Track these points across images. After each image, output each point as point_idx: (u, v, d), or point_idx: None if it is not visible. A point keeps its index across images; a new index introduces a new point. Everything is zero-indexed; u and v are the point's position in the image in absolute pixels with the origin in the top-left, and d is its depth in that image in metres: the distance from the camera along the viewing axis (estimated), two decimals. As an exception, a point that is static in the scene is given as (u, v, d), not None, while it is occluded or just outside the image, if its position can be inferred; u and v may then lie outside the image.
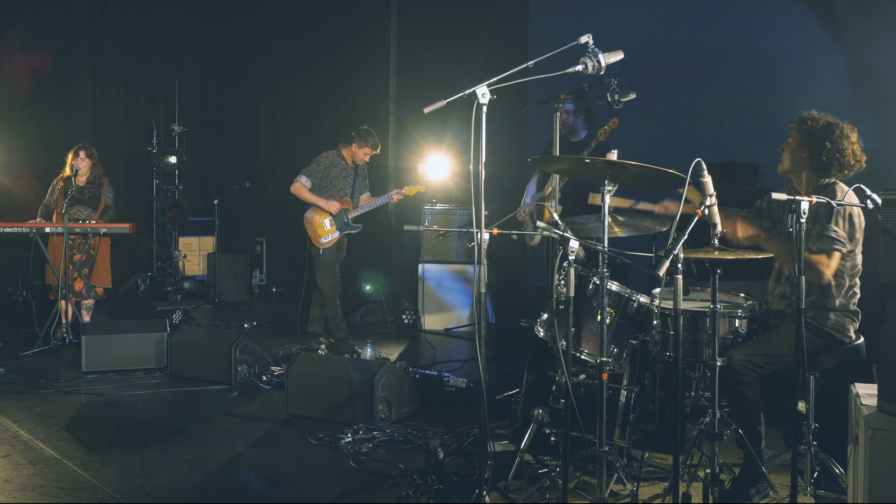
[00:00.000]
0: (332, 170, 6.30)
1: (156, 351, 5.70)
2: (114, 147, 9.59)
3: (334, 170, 6.31)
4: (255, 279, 9.87)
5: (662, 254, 2.81)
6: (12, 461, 3.86)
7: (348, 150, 6.34)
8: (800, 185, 3.57)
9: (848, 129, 3.44)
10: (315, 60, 10.02)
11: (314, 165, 6.30)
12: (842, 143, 3.40)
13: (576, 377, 3.65)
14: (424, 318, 7.59)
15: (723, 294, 3.63)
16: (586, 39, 3.11)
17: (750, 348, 3.35)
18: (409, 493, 3.42)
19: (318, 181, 6.28)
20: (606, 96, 3.70)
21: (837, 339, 3.44)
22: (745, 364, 3.27)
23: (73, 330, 6.47)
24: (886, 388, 2.75)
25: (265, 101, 10.68)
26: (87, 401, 5.02)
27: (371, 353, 5.57)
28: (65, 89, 9.35)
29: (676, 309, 2.96)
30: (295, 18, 10.22)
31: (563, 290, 3.17)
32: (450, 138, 7.67)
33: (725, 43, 6.77)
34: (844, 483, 3.28)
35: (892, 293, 2.72)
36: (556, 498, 3.25)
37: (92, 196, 6.74)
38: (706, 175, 2.97)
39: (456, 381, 4.89)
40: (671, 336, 3.36)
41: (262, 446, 4.17)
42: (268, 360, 5.56)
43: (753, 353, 3.31)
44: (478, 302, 3.02)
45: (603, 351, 3.18)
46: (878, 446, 2.61)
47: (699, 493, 3.27)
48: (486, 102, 2.96)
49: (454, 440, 4.11)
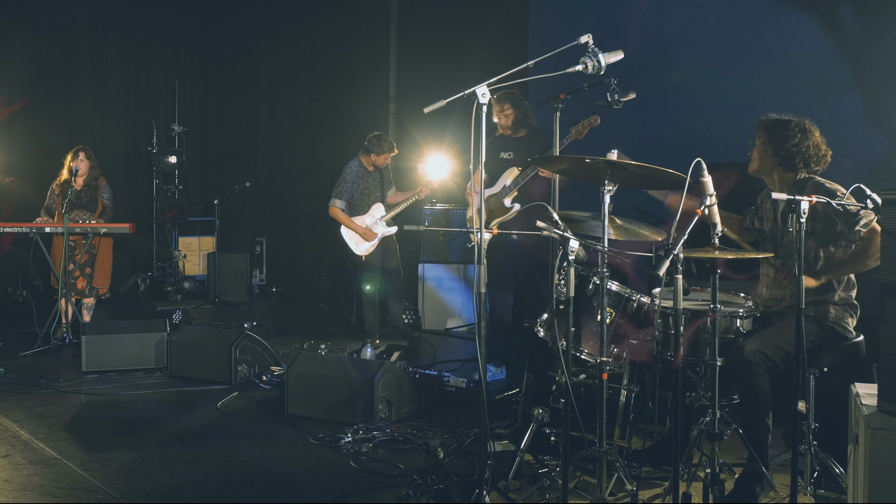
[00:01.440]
0: (360, 181, 6.47)
1: (156, 351, 5.70)
2: (114, 147, 9.60)
3: (361, 181, 6.48)
4: (255, 279, 9.86)
5: (662, 254, 2.81)
6: (12, 461, 3.86)
7: (367, 159, 6.50)
8: (773, 184, 3.65)
9: (808, 124, 3.55)
10: (315, 60, 10.02)
11: (343, 184, 6.45)
12: (803, 137, 3.50)
13: (576, 377, 3.65)
14: (424, 318, 7.59)
15: (723, 294, 3.63)
16: (586, 39, 3.11)
17: (760, 339, 3.37)
18: (409, 493, 3.42)
19: (350, 195, 6.44)
20: (606, 96, 3.70)
21: (839, 334, 3.47)
22: (756, 354, 3.28)
23: (73, 330, 6.48)
24: (886, 388, 2.75)
25: (265, 101, 10.68)
26: (87, 401, 5.02)
27: (371, 353, 5.57)
28: (65, 89, 9.35)
29: (677, 309, 2.96)
30: (295, 18, 10.21)
31: (563, 290, 3.17)
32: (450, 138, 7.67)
33: (729, 45, 6.75)
34: (844, 483, 3.28)
35: (892, 293, 2.72)
36: (556, 498, 3.25)
37: (89, 199, 6.74)
38: (706, 175, 2.97)
39: (456, 380, 4.89)
40: (671, 336, 3.36)
41: (262, 446, 4.17)
42: (268, 360, 5.56)
43: (764, 344, 3.33)
44: (478, 302, 3.02)
45: (603, 351, 3.18)
46: (878, 446, 2.61)
47: (699, 493, 3.27)
48: (486, 102, 2.96)
49: (454, 440, 4.11)
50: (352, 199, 6.44)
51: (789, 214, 3.13)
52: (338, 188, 6.44)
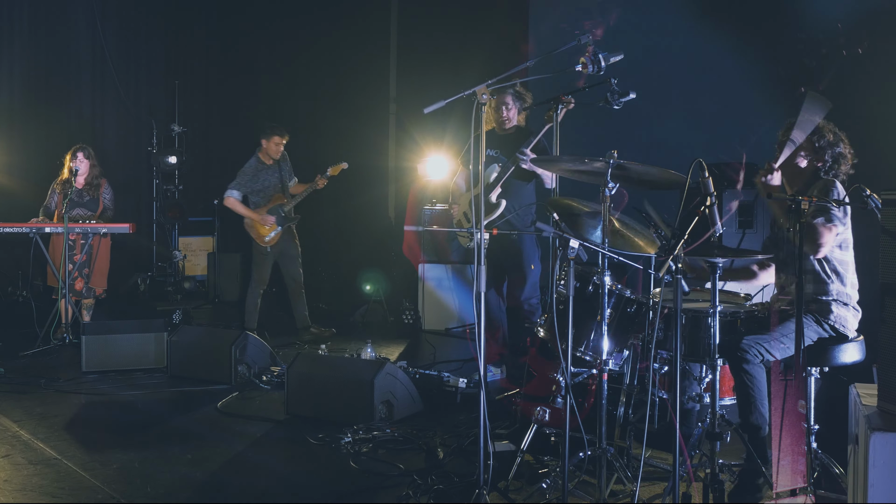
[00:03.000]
0: (259, 175, 6.81)
1: (156, 351, 5.70)
2: (114, 147, 9.59)
3: (261, 174, 6.82)
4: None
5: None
6: (12, 461, 3.86)
7: (263, 152, 6.85)
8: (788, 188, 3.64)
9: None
10: (315, 60, 10.01)
11: (241, 178, 6.82)
12: (836, 139, 3.50)
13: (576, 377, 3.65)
14: (424, 318, 7.58)
15: (723, 294, 3.63)
16: (586, 39, 3.11)
17: (757, 333, 3.38)
18: (409, 493, 3.42)
19: (250, 189, 6.79)
20: (606, 96, 3.70)
21: (840, 334, 3.47)
22: (751, 345, 3.31)
23: (73, 330, 6.47)
24: (886, 388, 2.75)
25: (265, 102, 10.67)
26: (87, 401, 5.02)
27: (371, 353, 5.57)
28: (65, 89, 9.35)
29: (677, 309, 2.96)
30: (295, 19, 10.21)
31: (563, 290, 3.17)
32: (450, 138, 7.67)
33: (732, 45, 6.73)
34: (844, 483, 3.28)
35: (892, 293, 2.72)
36: (556, 498, 3.25)
37: (91, 199, 6.75)
38: (706, 175, 2.97)
39: (456, 380, 4.89)
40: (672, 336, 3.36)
41: (262, 446, 4.17)
42: (268, 360, 5.56)
43: (760, 338, 3.35)
44: (478, 302, 3.02)
45: (603, 351, 3.18)
46: (878, 446, 2.60)
47: (699, 493, 3.27)
48: (486, 102, 2.96)
49: (454, 440, 4.11)
50: (251, 191, 6.83)
51: None
52: (236, 182, 6.85)
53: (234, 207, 6.82)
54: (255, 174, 6.83)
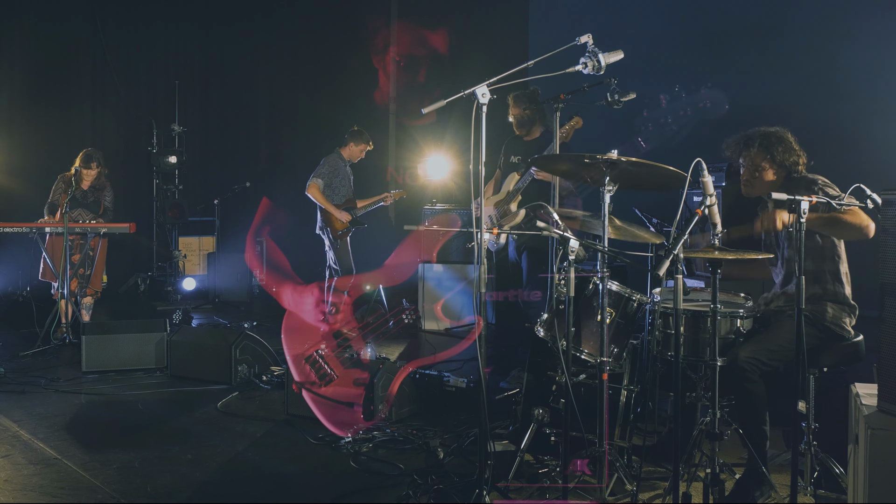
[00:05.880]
0: (338, 172, 6.82)
1: (156, 351, 5.70)
2: (114, 147, 9.59)
3: (340, 172, 6.83)
4: (254, 279, 9.87)
5: (662, 254, 2.81)
6: (12, 461, 3.86)
7: (346, 150, 6.84)
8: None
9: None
10: (315, 60, 10.02)
11: (325, 168, 6.80)
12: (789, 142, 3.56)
13: (576, 377, 3.64)
14: (424, 318, 7.59)
15: (723, 294, 3.63)
16: (586, 39, 3.11)
17: (754, 345, 3.37)
18: (409, 493, 3.42)
19: (328, 181, 6.79)
20: (606, 96, 3.70)
21: (837, 334, 3.47)
22: (750, 361, 3.29)
23: (73, 330, 6.48)
24: (886, 388, 2.75)
25: (265, 101, 10.67)
26: (87, 401, 5.02)
27: (371, 353, 5.56)
28: (65, 89, 9.35)
29: (677, 309, 2.95)
30: (295, 19, 10.22)
31: (563, 290, 3.17)
32: (450, 138, 7.68)
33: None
34: (844, 483, 3.28)
35: (892, 293, 2.72)
36: (556, 498, 3.25)
37: (94, 200, 6.75)
38: (706, 175, 2.97)
39: (456, 380, 4.89)
40: (672, 335, 3.36)
41: (262, 446, 4.17)
42: (268, 360, 5.56)
43: (757, 350, 3.33)
44: (478, 302, 3.02)
45: (603, 351, 3.18)
46: (878, 446, 2.61)
47: (699, 493, 3.27)
48: (486, 102, 2.97)
49: (454, 440, 4.11)
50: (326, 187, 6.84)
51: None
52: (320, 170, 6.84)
53: (315, 196, 6.82)
54: (335, 170, 6.88)
